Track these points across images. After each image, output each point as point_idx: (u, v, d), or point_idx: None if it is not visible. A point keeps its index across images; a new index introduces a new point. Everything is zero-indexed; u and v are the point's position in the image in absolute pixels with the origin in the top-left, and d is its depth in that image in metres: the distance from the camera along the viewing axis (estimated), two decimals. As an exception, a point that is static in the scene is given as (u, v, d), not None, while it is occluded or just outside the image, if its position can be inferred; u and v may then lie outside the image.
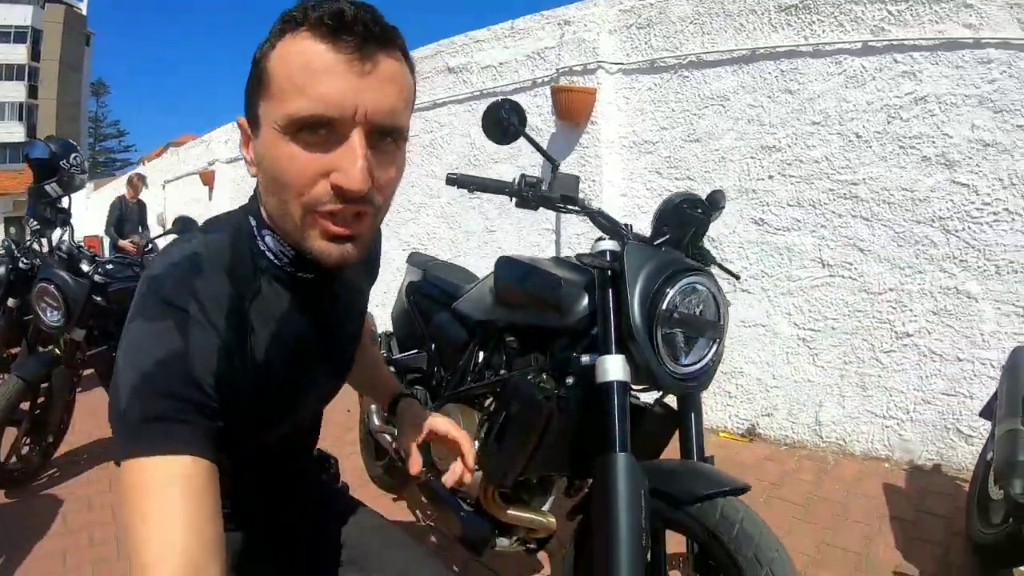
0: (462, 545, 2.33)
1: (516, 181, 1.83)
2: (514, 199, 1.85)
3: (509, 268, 2.16)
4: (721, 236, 3.97)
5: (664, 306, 1.64)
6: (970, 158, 3.30)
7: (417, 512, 3.27)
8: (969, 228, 3.32)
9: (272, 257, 0.99)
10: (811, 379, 3.85)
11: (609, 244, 1.76)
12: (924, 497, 3.14)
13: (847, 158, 3.64)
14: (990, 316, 3.29)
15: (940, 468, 3.40)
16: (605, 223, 1.84)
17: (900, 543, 2.75)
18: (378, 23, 0.85)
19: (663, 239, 1.81)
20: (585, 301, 1.85)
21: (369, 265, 1.33)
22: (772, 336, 3.98)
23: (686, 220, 1.82)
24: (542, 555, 2.76)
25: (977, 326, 3.33)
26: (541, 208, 1.84)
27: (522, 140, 1.83)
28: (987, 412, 2.62)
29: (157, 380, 0.81)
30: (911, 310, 3.49)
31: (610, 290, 1.71)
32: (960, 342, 3.38)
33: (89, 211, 18.42)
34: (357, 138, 0.84)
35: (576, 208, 1.84)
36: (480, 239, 5.48)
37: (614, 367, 1.63)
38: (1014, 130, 3.20)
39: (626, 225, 1.85)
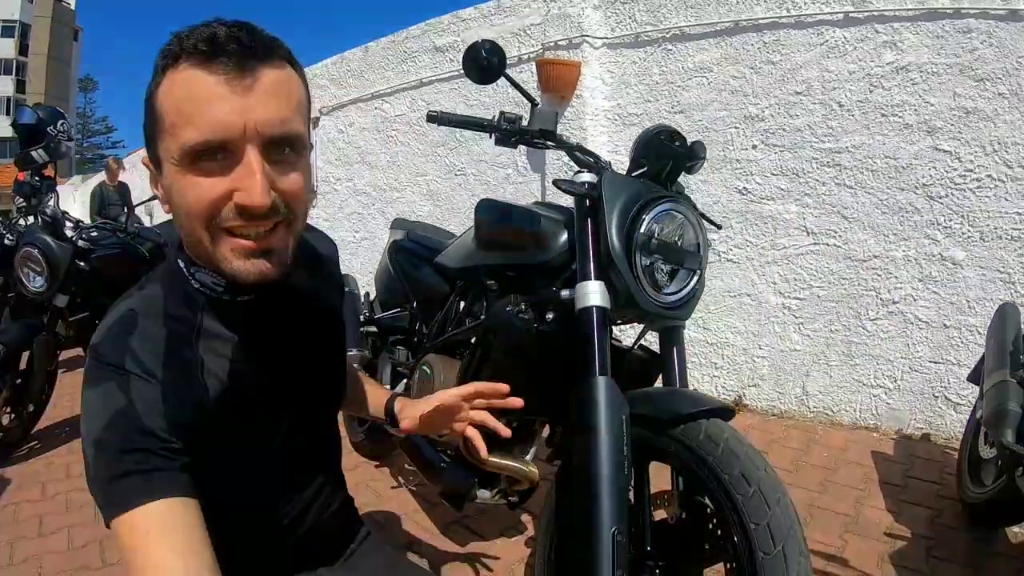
0: (443, 499, 2.31)
1: (496, 118, 1.81)
2: (493, 136, 1.83)
3: (489, 209, 2.15)
4: (705, 206, 3.88)
5: (642, 231, 1.62)
6: (952, 125, 3.30)
7: (400, 478, 3.24)
8: (952, 195, 3.31)
9: (207, 291, 1.00)
10: (797, 348, 3.84)
11: (587, 176, 1.74)
12: (913, 464, 3.13)
13: (830, 127, 3.63)
14: (975, 282, 3.28)
15: (929, 436, 3.40)
16: (583, 157, 1.82)
17: (890, 506, 2.75)
18: (253, 38, 0.86)
19: (640, 171, 1.79)
20: (564, 236, 1.83)
21: (326, 277, 1.28)
22: (757, 305, 3.97)
23: (664, 152, 1.78)
24: (525, 517, 2.75)
25: (963, 292, 3.32)
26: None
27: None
28: (975, 377, 2.60)
29: (112, 440, 0.85)
30: (896, 277, 3.49)
31: (588, 219, 1.69)
32: (946, 308, 3.37)
33: (77, 203, 18.37)
34: (252, 154, 0.85)
35: (553, 143, 1.82)
36: (466, 216, 5.38)
37: (593, 292, 1.61)
38: (995, 98, 3.19)
39: (605, 160, 1.83)
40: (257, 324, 1.04)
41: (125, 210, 4.47)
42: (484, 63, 1.76)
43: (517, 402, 1.32)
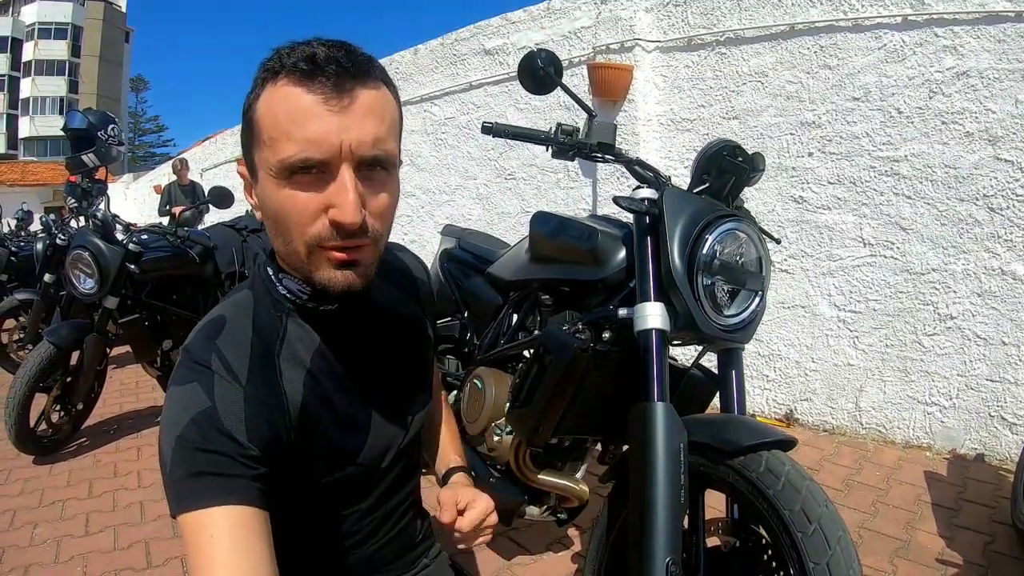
0: (492, 514, 2.28)
1: (552, 130, 1.78)
2: (550, 148, 1.80)
3: (545, 222, 2.12)
4: (760, 215, 3.83)
5: (704, 251, 1.58)
6: (1014, 134, 3.19)
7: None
8: (1014, 206, 3.20)
9: (292, 297, 1.03)
10: (851, 363, 3.75)
11: (647, 192, 1.70)
12: (967, 486, 3.04)
13: (888, 134, 3.54)
14: (1037, 298, 3.18)
15: (983, 457, 3.30)
16: (643, 172, 1.78)
17: (942, 530, 2.67)
18: (351, 58, 0.89)
19: (702, 187, 1.75)
20: (622, 253, 1.80)
21: (413, 294, 1.30)
22: (812, 318, 3.89)
23: (726, 168, 1.73)
24: (572, 532, 2.72)
25: (1023, 308, 3.21)
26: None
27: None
28: None
29: (192, 438, 0.87)
30: (955, 291, 3.39)
31: (648, 237, 1.65)
32: (1005, 325, 3.27)
33: (128, 201, 18.76)
34: (347, 173, 0.88)
35: (612, 157, 1.78)
36: (516, 220, 5.43)
37: (653, 314, 1.57)
38: (1059, 105, 3.08)
39: (665, 175, 1.79)
40: (339, 333, 1.07)
41: (198, 208, 4.52)
42: (540, 73, 1.74)
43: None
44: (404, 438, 1.19)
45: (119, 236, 3.79)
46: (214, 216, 7.18)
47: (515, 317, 2.33)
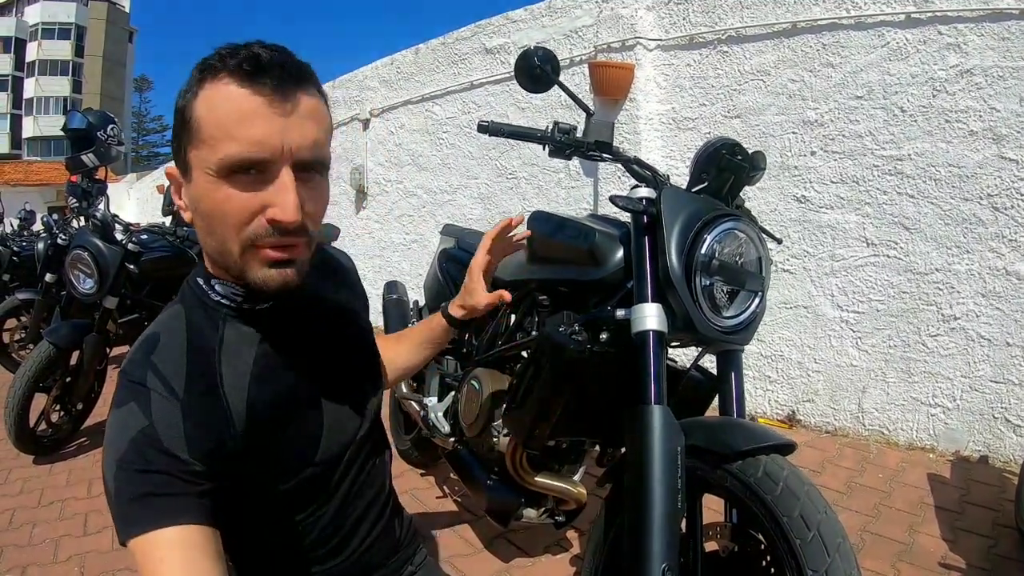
0: (488, 516, 2.28)
1: (549, 128, 1.76)
2: (547, 147, 1.78)
3: (542, 221, 2.09)
4: (762, 214, 3.84)
5: (703, 251, 1.56)
6: (1019, 132, 3.16)
7: (445, 488, 3.22)
8: (1019, 206, 3.18)
9: (227, 301, 1.03)
10: (854, 363, 3.73)
11: (645, 191, 1.68)
12: (970, 488, 3.02)
13: (891, 133, 3.52)
14: (1041, 299, 3.16)
15: (987, 459, 3.27)
16: (641, 171, 1.76)
17: (945, 533, 2.65)
18: (292, 63, 0.91)
19: (701, 186, 1.73)
20: (620, 253, 1.78)
21: (347, 287, 1.31)
22: (814, 318, 3.87)
23: (725, 167, 1.71)
24: (571, 534, 2.71)
25: (1028, 309, 3.19)
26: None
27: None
28: None
29: (133, 460, 0.87)
30: (958, 292, 3.36)
31: (645, 237, 1.63)
32: (1009, 326, 3.24)
33: (132, 200, 18.82)
34: (287, 174, 0.89)
35: (610, 155, 1.77)
36: (517, 220, 5.39)
37: (650, 315, 1.55)
38: (1065, 104, 3.06)
39: (663, 174, 1.77)
40: (279, 331, 1.06)
41: None
42: (537, 71, 1.73)
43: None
44: (361, 428, 1.18)
45: (119, 236, 3.79)
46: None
47: (513, 317, 2.31)
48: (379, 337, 1.38)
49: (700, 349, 1.86)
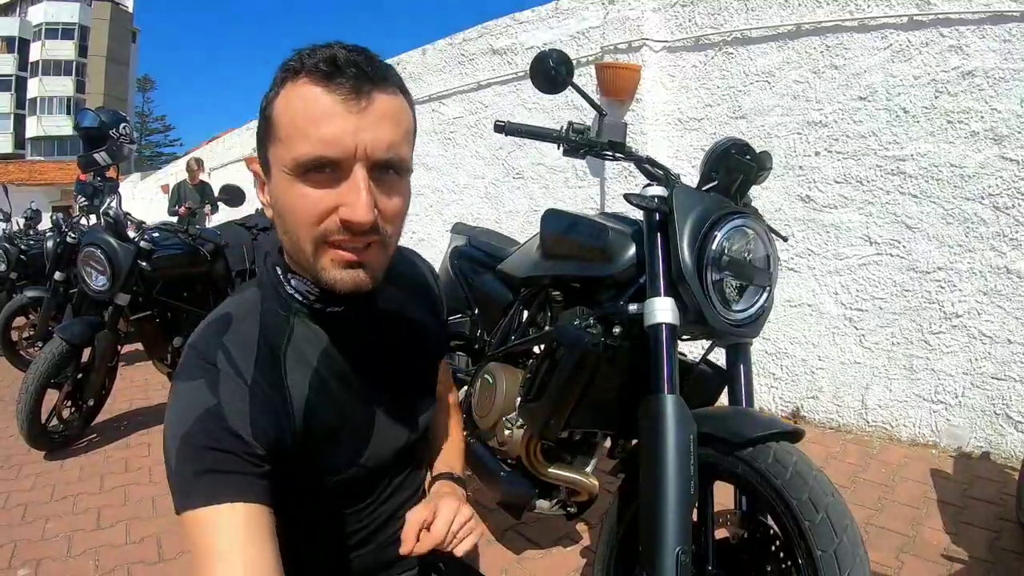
0: (502, 507, 2.31)
1: (564, 128, 1.80)
2: (561, 147, 1.82)
3: (556, 219, 2.13)
4: (767, 213, 3.83)
5: (713, 247, 1.61)
6: (1020, 133, 3.21)
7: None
8: (1020, 205, 3.22)
9: (300, 297, 1.04)
10: (858, 361, 3.76)
11: (657, 189, 1.72)
12: (972, 483, 3.06)
13: (894, 133, 3.56)
14: (1042, 297, 3.19)
15: (989, 455, 3.31)
16: (652, 170, 1.80)
17: (948, 527, 2.68)
18: (370, 63, 0.90)
19: (711, 185, 1.77)
20: (632, 250, 1.82)
21: (420, 293, 1.30)
22: (818, 316, 3.90)
23: (734, 166, 1.76)
24: (582, 526, 2.74)
25: (1029, 306, 3.22)
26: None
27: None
28: None
29: (198, 436, 0.88)
30: (960, 290, 3.40)
31: (658, 233, 1.68)
32: (1011, 323, 3.28)
33: (135, 200, 18.80)
34: (360, 174, 0.89)
35: (623, 155, 1.81)
36: (524, 219, 5.45)
37: (663, 308, 1.60)
38: (1065, 105, 3.09)
39: (674, 174, 1.81)
40: (345, 335, 1.07)
41: (207, 207, 4.57)
42: (552, 74, 1.76)
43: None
44: (409, 440, 1.19)
45: (131, 234, 3.81)
46: (223, 215, 7.20)
47: (525, 313, 2.35)
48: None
49: (709, 343, 1.91)
